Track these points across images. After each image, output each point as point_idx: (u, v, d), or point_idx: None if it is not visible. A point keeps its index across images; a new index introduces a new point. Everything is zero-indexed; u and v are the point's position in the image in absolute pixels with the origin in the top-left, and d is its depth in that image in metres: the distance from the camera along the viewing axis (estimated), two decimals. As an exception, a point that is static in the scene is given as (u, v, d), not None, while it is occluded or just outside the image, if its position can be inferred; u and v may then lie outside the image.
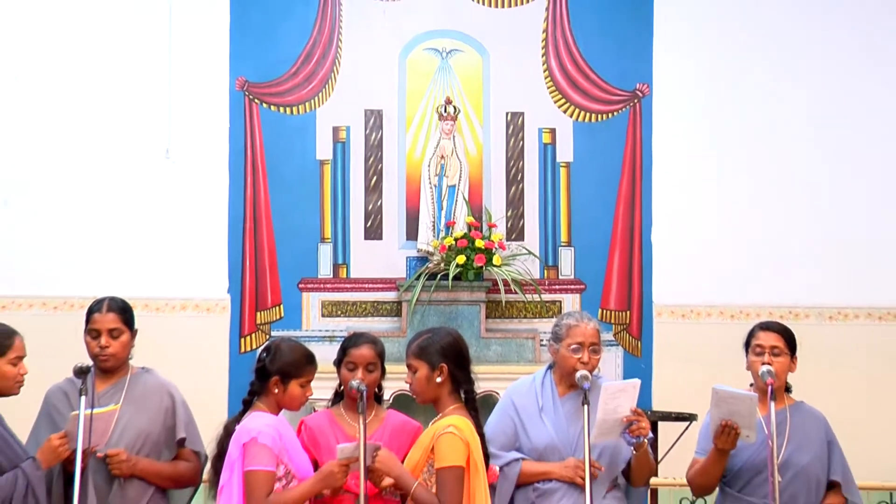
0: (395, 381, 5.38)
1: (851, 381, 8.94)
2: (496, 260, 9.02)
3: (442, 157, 9.47)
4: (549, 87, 9.59)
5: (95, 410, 4.34)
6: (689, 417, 7.04)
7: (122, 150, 9.33)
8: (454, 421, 4.35)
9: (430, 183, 9.46)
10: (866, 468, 6.01)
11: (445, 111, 9.50)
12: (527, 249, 9.48)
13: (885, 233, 9.46)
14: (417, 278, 9.00)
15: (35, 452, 4.53)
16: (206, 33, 9.42)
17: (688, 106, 9.57)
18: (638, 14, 9.58)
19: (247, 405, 4.52)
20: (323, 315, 9.42)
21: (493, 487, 4.55)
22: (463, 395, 4.48)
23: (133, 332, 4.83)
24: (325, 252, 9.50)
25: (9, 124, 9.30)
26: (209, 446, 4.62)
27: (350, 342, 4.75)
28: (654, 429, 6.45)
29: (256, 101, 9.48)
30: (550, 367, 4.91)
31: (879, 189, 9.51)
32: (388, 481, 4.35)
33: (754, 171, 9.51)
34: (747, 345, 4.97)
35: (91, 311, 4.78)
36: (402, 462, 4.41)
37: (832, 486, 4.89)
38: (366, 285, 9.45)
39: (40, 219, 9.28)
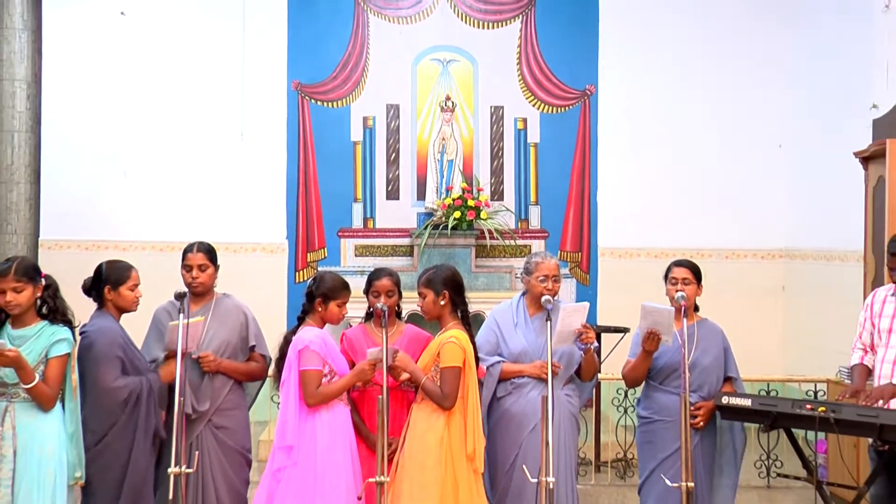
0: (409, 304, 5.35)
1: (741, 303, 8.95)
2: (483, 215, 9.04)
3: (443, 138, 9.49)
4: (521, 87, 9.55)
5: (191, 320, 4.34)
6: (624, 330, 7.03)
7: (208, 133, 9.37)
8: (454, 333, 4.34)
9: (434, 158, 9.49)
10: (750, 366, 6.01)
11: (446, 105, 9.50)
12: (506, 207, 9.49)
13: (766, 197, 9.46)
14: (425, 228, 9.00)
15: (147, 355, 4.56)
16: (270, 49, 9.42)
17: (623, 102, 9.54)
18: (587, 34, 9.54)
19: (300, 321, 4.50)
20: (356, 255, 9.43)
21: (481, 383, 4.55)
22: (459, 314, 4.46)
23: (216, 267, 4.80)
24: (358, 209, 9.50)
25: (127, 116, 9.33)
26: (273, 351, 4.61)
27: (374, 276, 4.71)
28: (598, 338, 6.45)
29: (307, 98, 9.44)
30: (523, 294, 4.88)
31: (763, 165, 9.49)
32: (404, 376, 4.35)
33: (672, 150, 9.50)
34: (666, 277, 4.93)
35: (186, 252, 4.75)
36: (416, 362, 4.41)
37: (727, 380, 4.89)
38: (387, 233, 9.46)
39: (150, 185, 9.33)
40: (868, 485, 4.78)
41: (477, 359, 4.42)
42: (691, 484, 4.20)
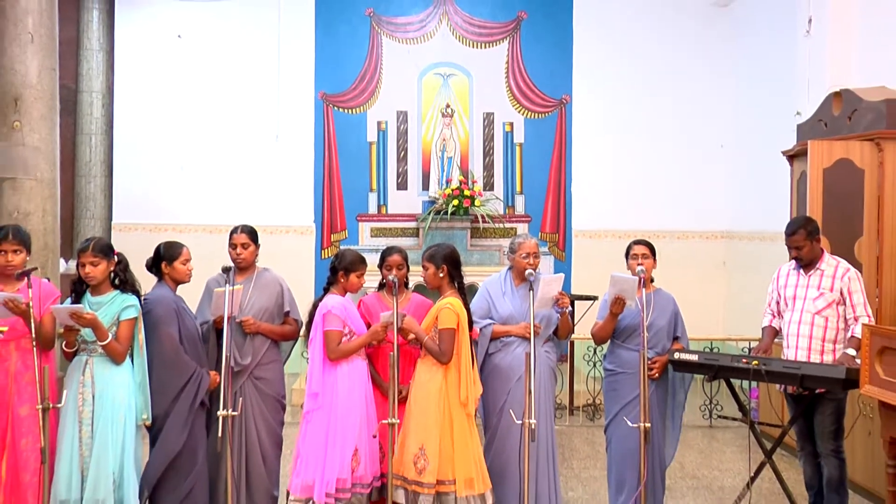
0: (416, 277, 5.31)
1: (690, 275, 8.96)
2: (477, 203, 9.02)
3: (443, 139, 9.47)
4: (509, 97, 9.52)
5: (234, 287, 4.32)
6: (594, 298, 7.01)
7: (249, 135, 9.38)
8: (450, 300, 4.31)
9: (436, 155, 9.47)
10: (697, 327, 6.00)
11: (446, 111, 9.49)
12: (495, 196, 9.49)
13: (710, 188, 9.45)
14: (428, 214, 8.99)
15: (200, 317, 4.54)
16: (300, 65, 9.40)
17: (593, 109, 9.53)
18: (563, 53, 9.53)
19: (326, 290, 4.48)
20: (371, 236, 9.43)
21: (476, 342, 4.54)
22: (456, 285, 4.44)
23: (257, 246, 4.76)
24: (373, 198, 9.49)
25: (183, 121, 9.34)
26: (304, 316, 4.60)
27: (386, 252, 4.68)
28: (572, 304, 6.40)
29: (331, 105, 9.42)
30: (510, 268, 4.87)
31: (708, 161, 9.48)
32: (411, 336, 4.34)
33: (634, 148, 9.51)
34: (627, 254, 4.91)
35: (232, 233, 4.71)
36: (420, 325, 4.40)
37: (677, 338, 4.88)
38: (397, 218, 9.46)
39: (202, 177, 9.35)
40: (791, 424, 4.82)
41: (471, 322, 4.41)
42: (648, 424, 4.22)
